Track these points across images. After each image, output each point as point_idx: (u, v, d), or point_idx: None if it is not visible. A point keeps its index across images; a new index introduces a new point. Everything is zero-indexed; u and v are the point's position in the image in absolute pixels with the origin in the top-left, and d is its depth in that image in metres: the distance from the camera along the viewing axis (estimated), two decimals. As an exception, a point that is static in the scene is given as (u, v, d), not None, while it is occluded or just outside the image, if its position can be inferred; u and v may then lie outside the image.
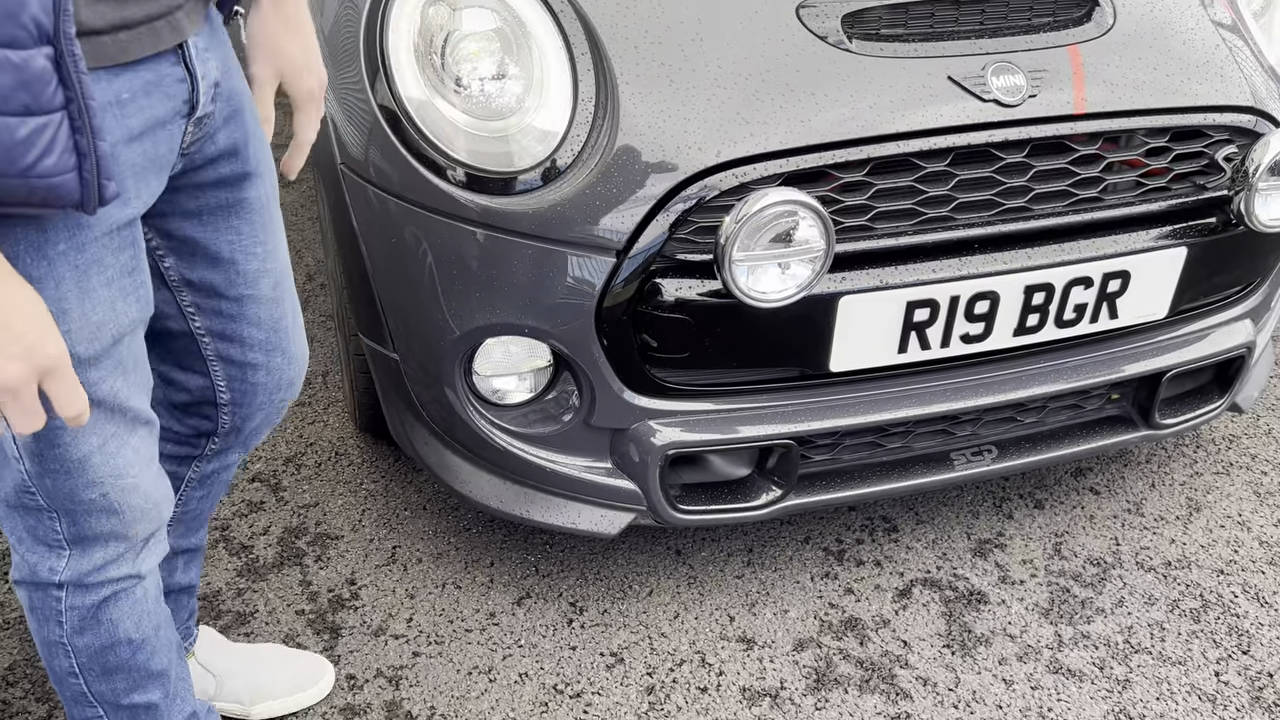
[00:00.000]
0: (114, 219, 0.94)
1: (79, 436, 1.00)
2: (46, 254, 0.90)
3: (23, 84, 0.76)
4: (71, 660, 1.16)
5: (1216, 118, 1.60)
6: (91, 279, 0.94)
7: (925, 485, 1.70)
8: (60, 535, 1.07)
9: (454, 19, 1.48)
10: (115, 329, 0.98)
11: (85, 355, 0.96)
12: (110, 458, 1.03)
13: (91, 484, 1.03)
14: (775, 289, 1.37)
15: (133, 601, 1.15)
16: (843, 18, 1.50)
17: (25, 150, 0.78)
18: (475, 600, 1.76)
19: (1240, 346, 1.78)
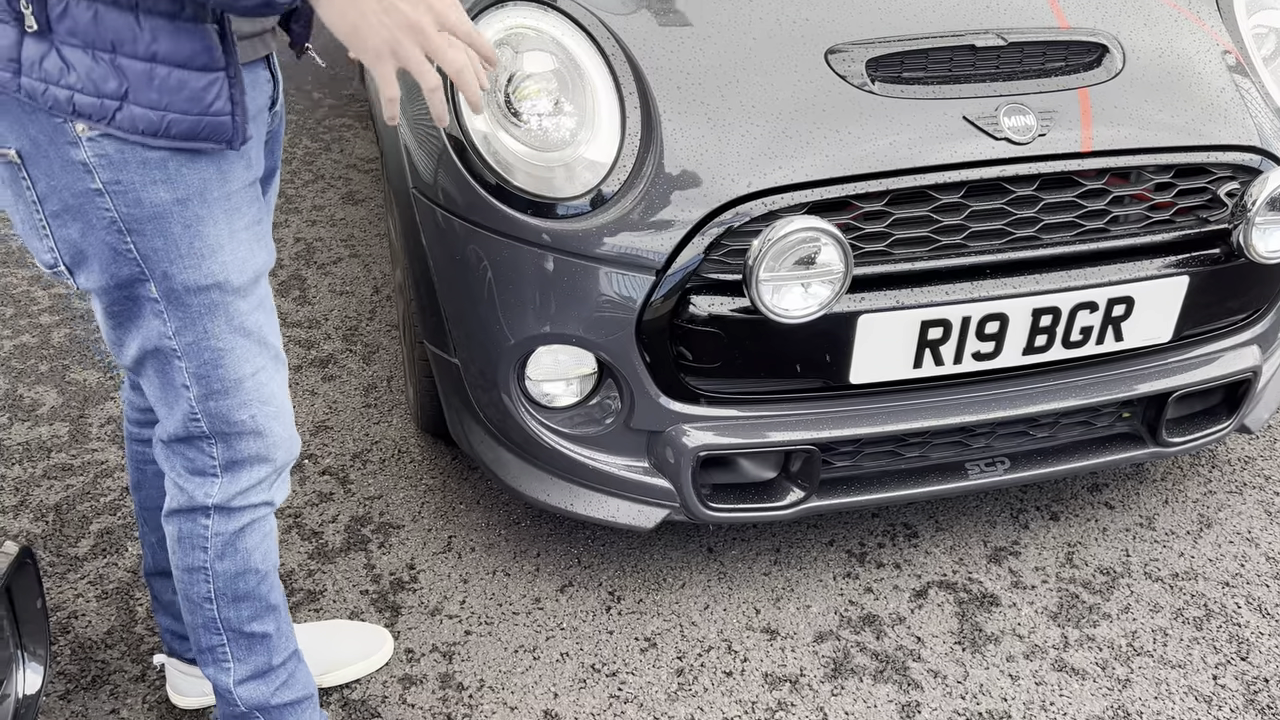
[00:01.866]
0: (245, 178, 1.19)
1: (238, 361, 1.22)
2: (207, 199, 1.14)
3: (206, 48, 1.05)
4: (210, 584, 1.35)
5: (1219, 156, 1.72)
6: (235, 222, 1.18)
7: (940, 493, 1.83)
8: (215, 461, 1.28)
9: (516, 60, 1.66)
10: (255, 267, 1.21)
11: (238, 284, 1.19)
12: (261, 385, 1.25)
13: (244, 404, 1.24)
14: (798, 307, 1.52)
15: (263, 534, 1.36)
16: (867, 62, 1.65)
17: (205, 95, 1.06)
18: (522, 586, 1.92)
19: (1246, 371, 1.89)
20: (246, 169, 1.20)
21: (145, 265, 1.14)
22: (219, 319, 1.20)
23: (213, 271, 1.17)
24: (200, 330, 1.19)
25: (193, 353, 1.20)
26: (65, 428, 2.35)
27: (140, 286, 1.16)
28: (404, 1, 0.99)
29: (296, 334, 2.71)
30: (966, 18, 1.75)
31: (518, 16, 1.67)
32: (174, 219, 1.13)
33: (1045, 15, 1.80)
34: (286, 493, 1.37)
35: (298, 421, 2.37)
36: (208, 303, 1.18)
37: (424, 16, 0.99)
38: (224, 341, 1.20)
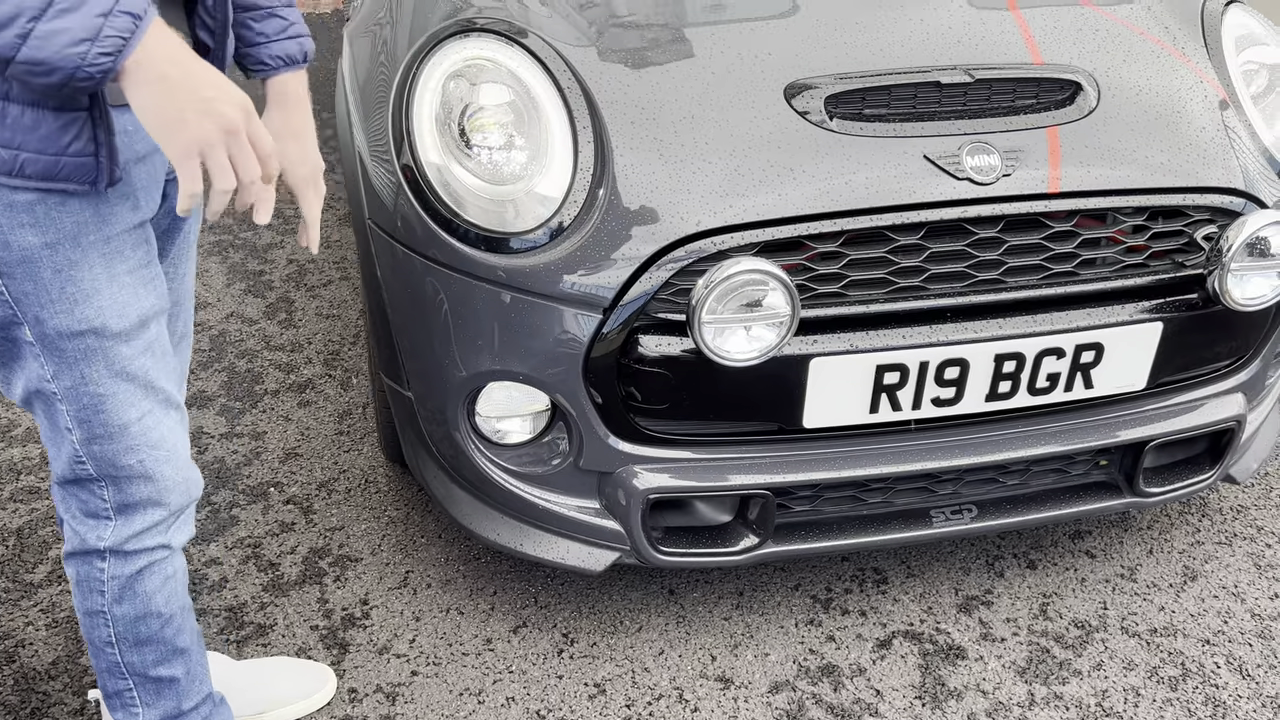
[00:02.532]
0: (130, 220, 1.17)
1: (120, 406, 1.20)
2: (80, 243, 1.12)
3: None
4: (110, 629, 1.34)
5: (1196, 198, 1.65)
6: (116, 266, 1.15)
7: (903, 540, 1.77)
8: (107, 504, 1.26)
9: (472, 92, 1.63)
10: (139, 311, 1.19)
11: (118, 329, 1.17)
12: (148, 430, 1.23)
13: (130, 449, 1.22)
14: (742, 350, 1.47)
15: (164, 577, 1.34)
16: (826, 98, 1.60)
17: (62, 135, 1.05)
18: (475, 626, 1.88)
19: (1229, 420, 1.81)
20: (132, 210, 1.18)
21: (18, 308, 1.13)
22: (97, 364, 1.18)
23: (87, 317, 1.15)
24: (78, 375, 1.18)
25: (72, 397, 1.19)
26: (38, 450, 2.34)
27: (16, 329, 1.15)
28: (225, 105, 1.00)
29: (278, 358, 2.70)
30: (936, 54, 1.70)
31: (475, 48, 1.65)
32: (43, 263, 1.11)
33: (1019, 51, 1.74)
34: (189, 535, 1.35)
35: (272, 446, 2.35)
36: (83, 348, 1.16)
37: (239, 119, 1.01)
38: (104, 387, 1.18)
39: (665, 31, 1.74)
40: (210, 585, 1.97)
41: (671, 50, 1.69)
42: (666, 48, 1.70)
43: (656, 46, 1.70)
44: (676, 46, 1.70)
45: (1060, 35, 1.80)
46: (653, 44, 1.71)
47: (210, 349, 2.74)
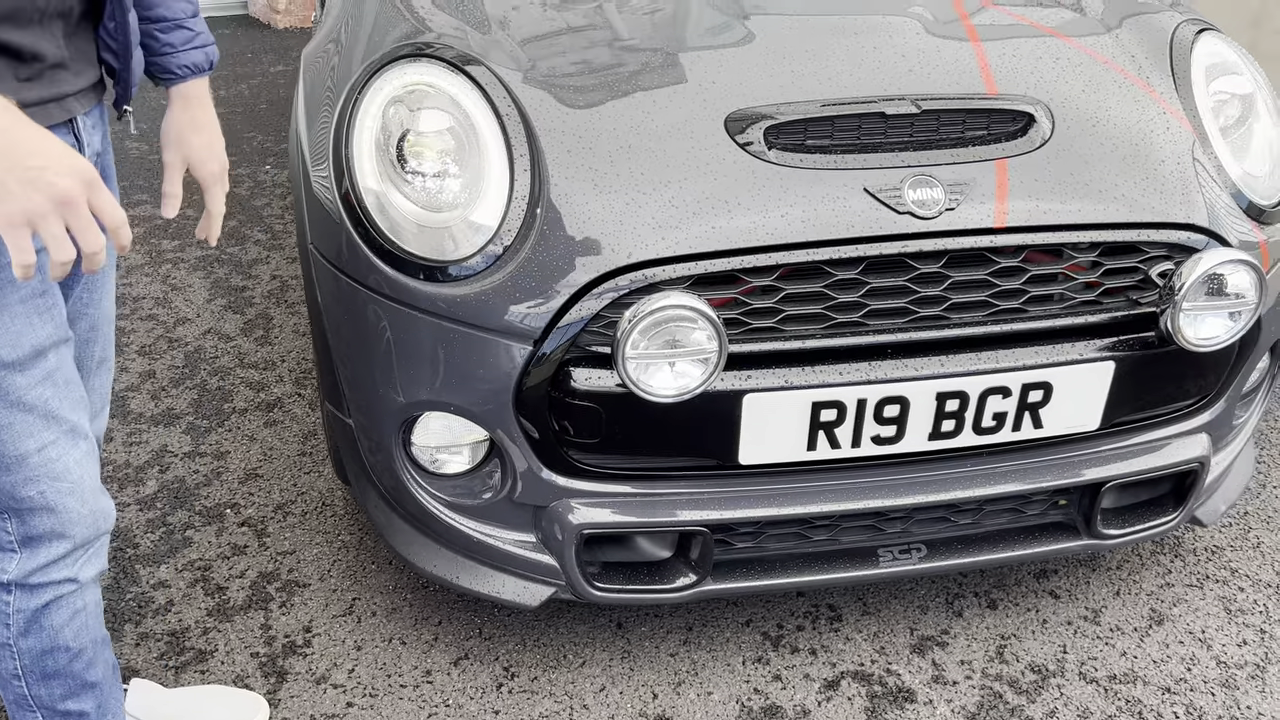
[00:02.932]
0: None
1: (17, 437, 1.18)
2: None
3: None
4: (16, 662, 1.32)
5: (1151, 234, 1.60)
6: (7, 296, 1.14)
7: (848, 580, 1.72)
8: (11, 537, 1.24)
9: (412, 118, 1.61)
10: (33, 341, 1.17)
11: (9, 359, 1.15)
12: (49, 462, 1.21)
13: (29, 480, 1.20)
14: (666, 386, 1.44)
15: (72, 611, 1.31)
16: (766, 129, 1.57)
17: None
18: (416, 657, 1.85)
19: (1192, 461, 1.76)
20: None
21: None
22: None
23: None
24: None
25: None
26: None
27: None
28: (56, 175, 0.97)
29: (250, 375, 2.69)
30: (885, 83, 1.67)
31: (418, 74, 1.63)
32: None
33: (974, 81, 1.70)
34: (99, 568, 1.32)
35: (234, 466, 2.34)
36: None
37: (77, 190, 0.98)
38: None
39: (613, 61, 1.72)
40: (156, 608, 1.95)
41: (616, 79, 1.67)
42: (611, 76, 1.67)
43: (602, 75, 1.68)
44: (622, 75, 1.68)
45: (1019, 65, 1.75)
46: (598, 73, 1.68)
47: (184, 365, 2.74)
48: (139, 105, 4.55)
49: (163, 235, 3.48)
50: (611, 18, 1.84)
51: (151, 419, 2.51)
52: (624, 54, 1.73)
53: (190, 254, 3.36)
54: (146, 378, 2.68)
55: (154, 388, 2.64)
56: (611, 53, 1.74)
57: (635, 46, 1.76)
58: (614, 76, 1.67)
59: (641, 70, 1.68)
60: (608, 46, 1.75)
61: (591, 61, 1.71)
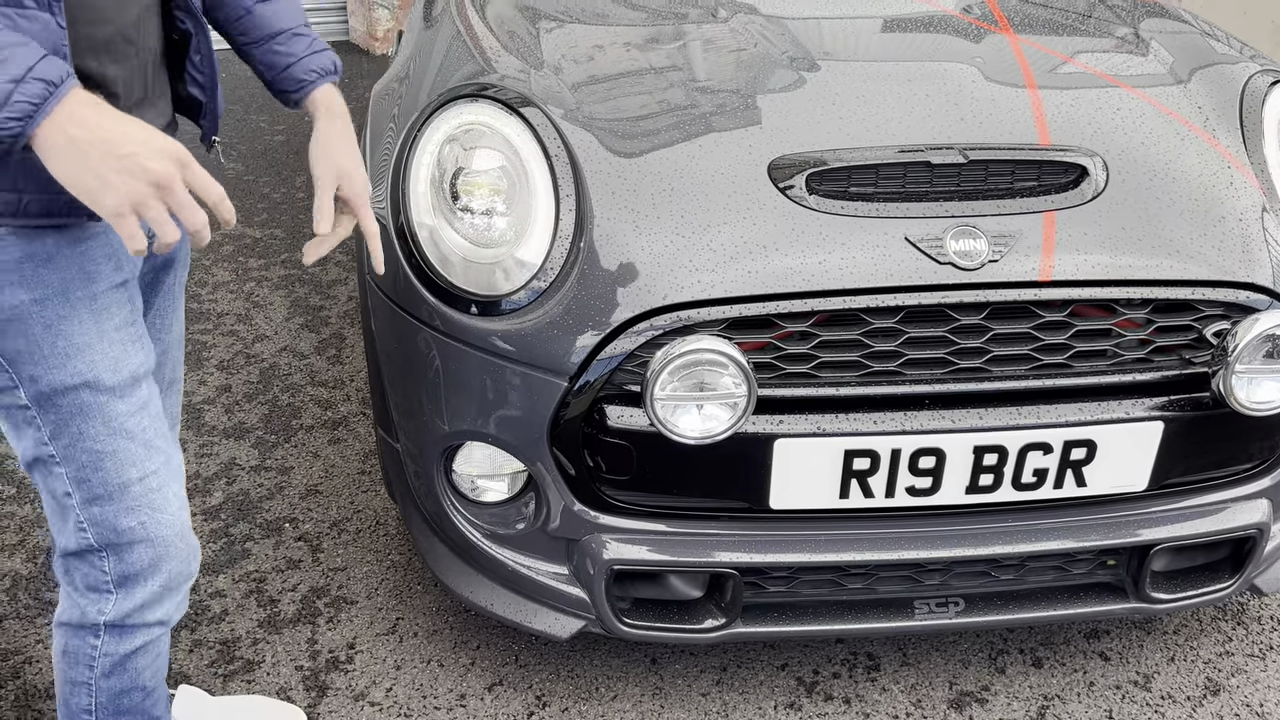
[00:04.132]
0: (113, 278, 1.20)
1: (120, 465, 1.20)
2: (69, 298, 1.16)
3: None
4: (91, 699, 1.35)
5: (1207, 292, 1.56)
6: (105, 322, 1.19)
7: (882, 631, 1.70)
8: (108, 577, 1.26)
9: (466, 156, 1.66)
10: (130, 368, 1.21)
11: (111, 383, 1.19)
12: (150, 492, 1.23)
13: (130, 510, 1.22)
14: (694, 428, 1.45)
15: (156, 653, 1.36)
16: (809, 175, 1.58)
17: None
18: (452, 680, 1.89)
19: (1249, 528, 1.69)
20: (115, 269, 1.21)
21: (12, 369, 1.16)
22: (94, 420, 1.18)
23: (80, 370, 1.17)
24: (75, 432, 1.18)
25: (70, 456, 1.19)
26: (82, 471, 2.46)
27: (11, 393, 1.17)
28: (149, 159, 0.98)
29: (319, 394, 2.79)
30: (935, 131, 1.66)
31: (474, 114, 1.69)
32: (33, 319, 1.14)
33: (1027, 131, 1.68)
34: (183, 611, 1.35)
35: (296, 481, 2.42)
36: (79, 403, 1.17)
37: (172, 171, 0.99)
38: (101, 444, 1.19)
39: (661, 105, 1.75)
40: (211, 617, 2.03)
41: (664, 124, 1.70)
42: (659, 121, 1.70)
43: (650, 120, 1.71)
44: (669, 120, 1.71)
45: (1076, 114, 1.72)
46: (647, 117, 1.71)
47: (259, 381, 2.85)
48: (227, 132, 4.74)
49: (250, 254, 3.62)
50: (662, 63, 1.87)
51: (223, 432, 2.62)
52: (673, 99, 1.76)
53: (274, 273, 3.49)
54: (222, 391, 2.80)
55: (228, 401, 2.75)
56: (661, 97, 1.76)
57: (685, 92, 1.78)
58: (662, 121, 1.70)
59: (689, 115, 1.71)
60: (658, 91, 1.78)
61: (641, 106, 1.75)
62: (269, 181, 4.30)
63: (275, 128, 4.94)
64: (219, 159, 1.48)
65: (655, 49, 1.92)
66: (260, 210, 4.01)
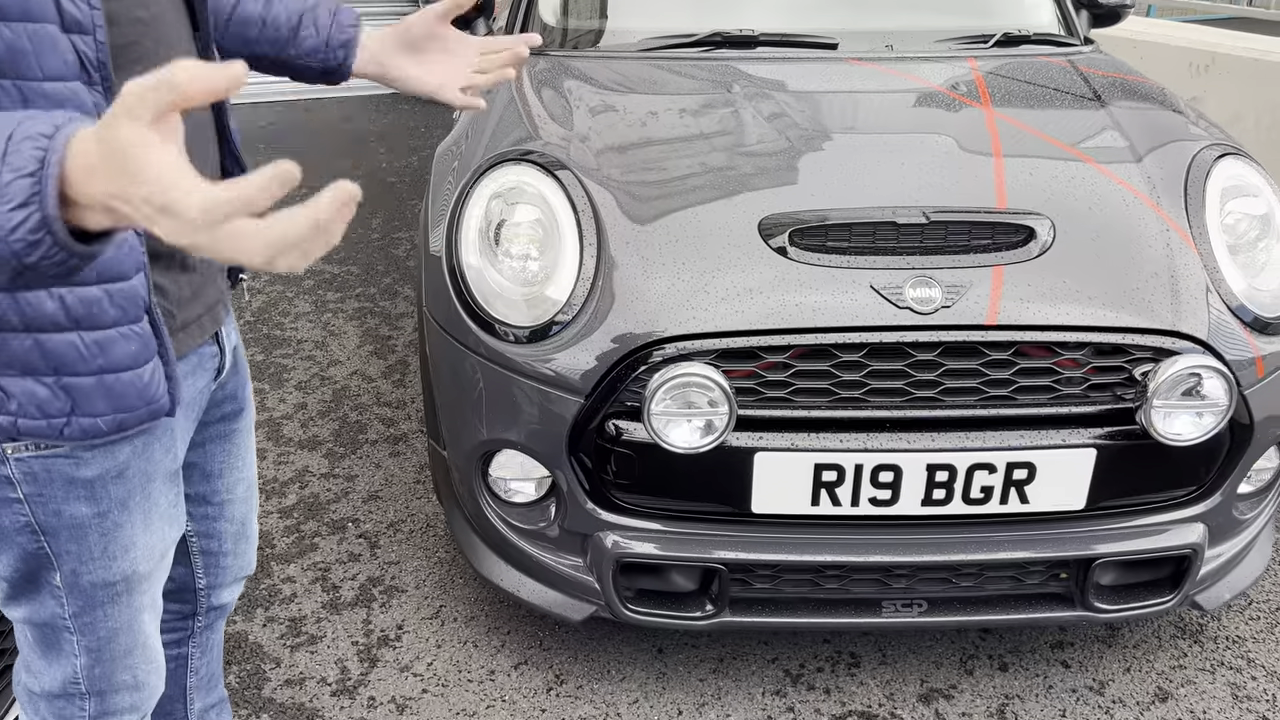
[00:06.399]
0: (169, 468, 1.21)
1: (133, 634, 1.23)
2: (128, 506, 1.16)
3: (144, 344, 1.08)
4: None
5: (1135, 338, 1.80)
6: (152, 516, 1.19)
7: (851, 625, 1.96)
8: (85, 713, 1.25)
9: (508, 210, 1.99)
10: (163, 547, 1.24)
11: (145, 570, 1.20)
12: (149, 649, 1.27)
13: (129, 667, 1.25)
14: (684, 440, 1.74)
15: None
16: (792, 231, 1.87)
17: (150, 386, 1.09)
18: (485, 658, 2.19)
19: (1182, 548, 1.91)
20: (172, 460, 1.21)
21: (56, 561, 1.15)
22: (121, 604, 1.20)
23: (123, 569, 1.18)
24: (101, 615, 1.20)
25: (88, 630, 1.20)
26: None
27: (46, 574, 1.16)
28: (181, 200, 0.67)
29: (384, 412, 3.13)
30: (906, 194, 1.94)
31: (518, 175, 2.02)
32: (91, 530, 1.14)
33: (987, 195, 1.95)
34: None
35: (360, 488, 2.75)
36: (113, 594, 1.19)
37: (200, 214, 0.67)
38: (121, 621, 1.21)
39: (673, 170, 2.05)
40: (282, 598, 2.36)
41: (674, 186, 2.00)
42: (671, 186, 2.01)
43: (664, 184, 2.01)
44: (679, 183, 2.01)
45: (1034, 182, 1.99)
46: (660, 182, 2.02)
47: (331, 400, 3.20)
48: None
49: (328, 288, 4.01)
50: (675, 133, 2.18)
51: (299, 443, 2.97)
52: (681, 164, 2.06)
53: (349, 305, 3.87)
54: (299, 408, 3.16)
55: (304, 417, 3.11)
56: (673, 163, 2.07)
57: (692, 158, 2.09)
58: (671, 184, 2.01)
59: (694, 177, 2.01)
60: (671, 158, 2.09)
61: (657, 170, 2.05)
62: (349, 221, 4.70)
63: (357, 171, 5.37)
64: (244, 297, 1.53)
65: (671, 120, 2.23)
66: (339, 248, 4.41)
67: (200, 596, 1.51)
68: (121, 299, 1.04)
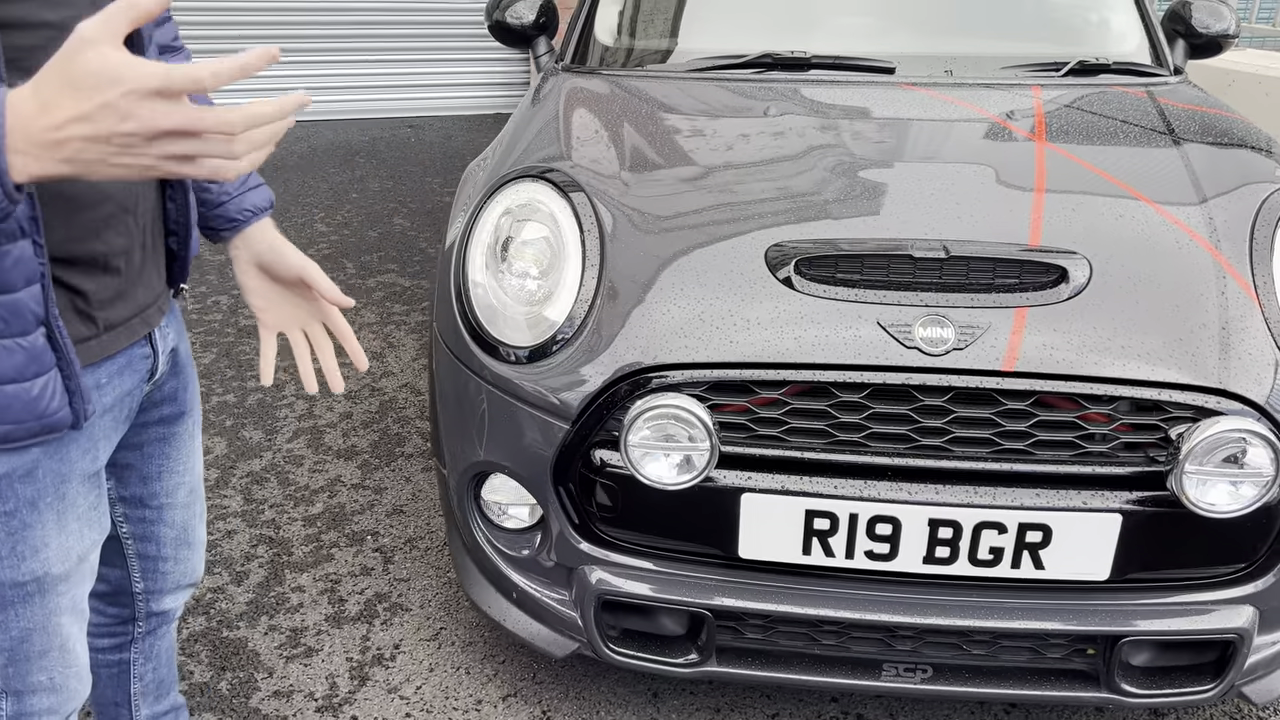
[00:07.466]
0: (87, 470, 1.17)
1: (49, 637, 1.20)
2: (38, 506, 1.12)
3: (33, 358, 1.03)
4: None
5: (1174, 395, 1.63)
6: (67, 517, 1.16)
7: (848, 687, 1.81)
8: (2, 714, 1.23)
9: (517, 227, 1.94)
10: (81, 549, 1.20)
11: (59, 572, 1.17)
12: (66, 651, 1.23)
13: (45, 669, 1.22)
14: (661, 474, 1.64)
15: None
16: (798, 260, 1.75)
17: (40, 399, 1.05)
18: (474, 686, 2.12)
19: (1227, 632, 1.71)
20: (91, 461, 1.18)
21: None
22: (34, 604, 1.17)
23: (33, 569, 1.15)
24: (13, 615, 1.17)
25: (1, 629, 1.17)
26: (215, 474, 2.87)
27: None
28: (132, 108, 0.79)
29: (424, 427, 3.11)
30: (931, 226, 1.80)
31: (531, 192, 1.97)
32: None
33: (1020, 231, 1.80)
34: None
35: (386, 500, 2.73)
36: (23, 594, 1.16)
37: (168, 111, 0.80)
38: (35, 622, 1.18)
39: (686, 192, 1.97)
40: (289, 607, 2.35)
41: (684, 209, 1.91)
42: (689, 209, 1.92)
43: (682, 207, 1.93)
44: (697, 207, 1.92)
45: (1075, 219, 1.83)
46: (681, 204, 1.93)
47: (377, 411, 3.21)
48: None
49: (396, 300, 4.05)
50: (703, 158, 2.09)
51: (336, 452, 2.98)
52: (705, 189, 1.97)
53: (413, 318, 3.89)
54: (344, 418, 3.17)
55: (347, 427, 3.12)
56: (694, 187, 1.98)
57: (717, 183, 2.00)
58: (689, 210, 1.92)
59: (714, 204, 1.92)
60: (693, 183, 2.00)
61: (677, 194, 1.97)
62: (428, 237, 4.76)
63: (446, 189, 5.45)
64: (184, 303, 1.55)
65: (700, 144, 2.14)
66: (415, 262, 4.46)
67: (139, 601, 1.49)
68: (5, 311, 1.02)
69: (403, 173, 5.77)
